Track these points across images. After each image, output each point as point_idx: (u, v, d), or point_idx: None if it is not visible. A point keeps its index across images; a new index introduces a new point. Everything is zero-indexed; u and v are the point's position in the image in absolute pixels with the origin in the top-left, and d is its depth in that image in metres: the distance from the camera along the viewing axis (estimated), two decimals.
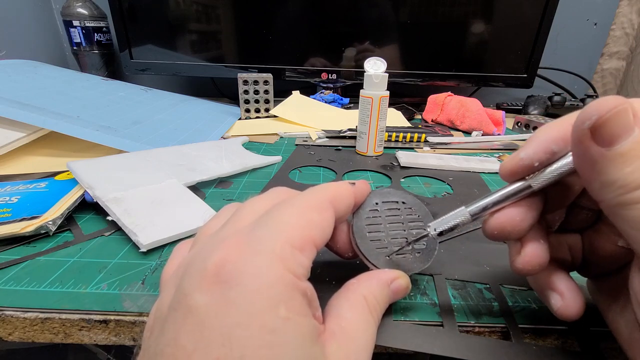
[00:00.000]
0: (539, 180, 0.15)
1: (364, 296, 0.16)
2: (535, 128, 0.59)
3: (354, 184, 0.19)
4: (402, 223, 0.20)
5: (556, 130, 0.15)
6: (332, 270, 0.23)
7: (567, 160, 0.15)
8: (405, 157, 0.44)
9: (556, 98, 0.70)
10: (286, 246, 0.13)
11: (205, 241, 0.15)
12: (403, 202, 0.20)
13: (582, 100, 0.69)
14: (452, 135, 0.56)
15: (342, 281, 0.22)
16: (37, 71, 0.56)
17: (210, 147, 0.43)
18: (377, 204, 0.20)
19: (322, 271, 0.23)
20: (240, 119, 0.64)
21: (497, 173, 0.41)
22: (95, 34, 0.76)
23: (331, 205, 0.16)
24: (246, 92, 0.62)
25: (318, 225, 0.15)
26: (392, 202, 0.20)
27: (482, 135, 0.58)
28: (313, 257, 0.14)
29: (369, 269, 0.18)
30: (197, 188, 0.35)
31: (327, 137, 0.54)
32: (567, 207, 0.17)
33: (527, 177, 0.16)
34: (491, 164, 0.43)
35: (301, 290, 0.13)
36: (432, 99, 0.68)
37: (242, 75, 0.61)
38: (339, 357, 0.13)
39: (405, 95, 0.84)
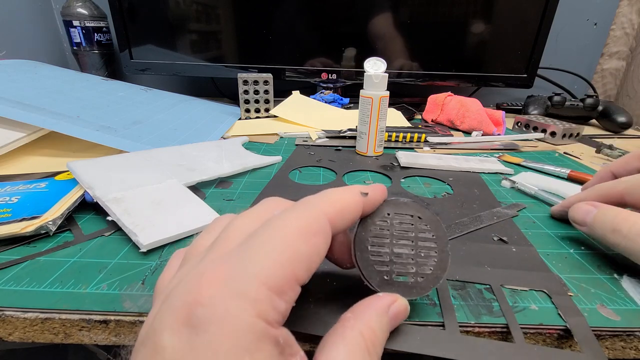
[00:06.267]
0: None
1: (361, 333, 0.14)
2: (535, 128, 0.59)
3: (366, 194, 0.17)
4: (412, 241, 0.18)
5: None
6: (334, 271, 0.23)
7: None
8: (405, 157, 0.44)
9: (556, 98, 0.70)
10: (262, 289, 0.12)
11: (191, 266, 0.14)
12: (419, 217, 0.18)
13: (582, 100, 0.69)
14: (452, 135, 0.56)
15: (343, 283, 0.22)
16: (37, 71, 0.56)
17: (210, 147, 0.43)
18: (388, 214, 0.18)
19: (322, 272, 0.23)
20: (240, 119, 0.64)
21: (496, 173, 0.42)
22: (95, 34, 0.76)
23: (327, 225, 0.15)
24: (246, 92, 0.62)
25: (305, 259, 0.13)
26: (406, 215, 0.18)
27: (482, 135, 0.58)
28: (295, 297, 0.13)
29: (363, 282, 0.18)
30: (197, 188, 0.35)
31: (327, 137, 0.54)
32: None
33: None
34: (491, 164, 0.43)
35: (272, 339, 0.12)
36: (432, 99, 0.68)
37: (242, 75, 0.61)
38: None
39: (405, 95, 0.84)
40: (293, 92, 0.68)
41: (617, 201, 0.25)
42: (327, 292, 0.20)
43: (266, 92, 0.64)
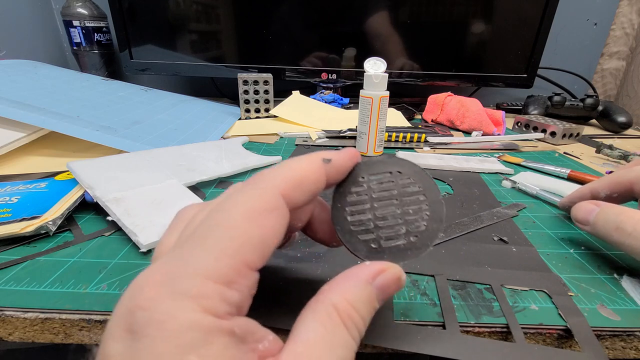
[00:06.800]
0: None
1: (334, 305, 0.13)
2: (535, 128, 0.59)
3: (329, 160, 0.15)
4: (396, 199, 0.16)
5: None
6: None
7: None
8: (405, 158, 0.44)
9: (556, 98, 0.70)
10: (206, 283, 0.11)
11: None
12: (399, 172, 0.17)
13: (582, 100, 0.69)
14: (452, 135, 0.56)
15: None
16: (37, 71, 0.56)
17: (210, 147, 0.43)
18: (363, 178, 0.16)
19: (322, 272, 0.23)
20: (240, 119, 0.64)
21: (496, 173, 0.42)
22: (95, 34, 0.76)
23: (281, 201, 0.13)
24: (246, 92, 0.62)
25: (256, 242, 0.12)
26: (384, 173, 0.17)
27: (482, 135, 0.58)
28: (251, 283, 0.12)
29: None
30: (197, 188, 0.35)
31: (327, 137, 0.54)
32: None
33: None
34: (491, 164, 0.43)
35: (224, 331, 0.11)
36: (432, 99, 0.68)
37: (242, 75, 0.61)
38: None
39: (405, 95, 0.84)
40: (293, 92, 0.68)
41: (626, 189, 0.25)
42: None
43: (266, 92, 0.64)
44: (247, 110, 0.64)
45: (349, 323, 0.13)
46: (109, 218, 0.27)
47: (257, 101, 0.64)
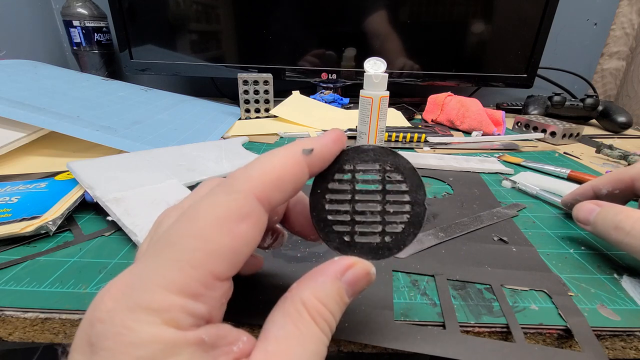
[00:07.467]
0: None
1: (303, 302, 0.13)
2: (535, 128, 0.59)
3: (311, 150, 0.14)
4: (380, 195, 0.15)
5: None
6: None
7: None
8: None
9: (556, 98, 0.70)
10: (168, 296, 0.11)
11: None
12: (389, 167, 0.16)
13: (582, 100, 0.69)
14: (452, 135, 0.56)
15: None
16: (37, 71, 0.56)
17: (210, 147, 0.43)
18: (348, 166, 0.16)
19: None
20: (240, 119, 0.64)
21: (496, 173, 0.42)
22: (95, 34, 0.76)
23: (257, 205, 0.13)
24: (246, 92, 0.62)
25: (226, 252, 0.12)
26: (373, 164, 0.16)
27: (482, 135, 0.58)
28: (221, 293, 0.12)
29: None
30: None
31: None
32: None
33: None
34: (491, 164, 0.43)
35: (191, 341, 0.11)
36: (432, 99, 0.68)
37: (242, 75, 0.61)
38: None
39: (405, 95, 0.84)
40: (293, 92, 0.68)
41: (627, 186, 0.26)
42: None
43: (266, 92, 0.64)
44: (247, 110, 0.64)
45: (319, 319, 0.13)
46: (109, 218, 0.27)
47: (257, 101, 0.64)
